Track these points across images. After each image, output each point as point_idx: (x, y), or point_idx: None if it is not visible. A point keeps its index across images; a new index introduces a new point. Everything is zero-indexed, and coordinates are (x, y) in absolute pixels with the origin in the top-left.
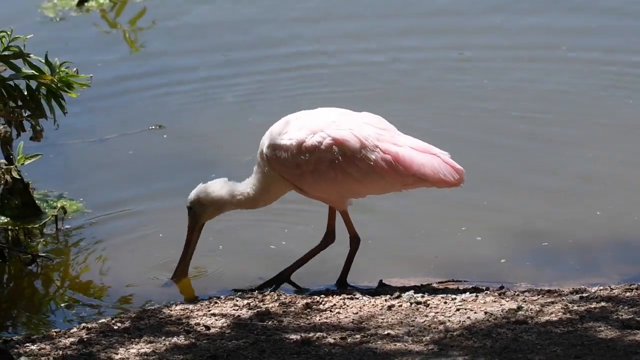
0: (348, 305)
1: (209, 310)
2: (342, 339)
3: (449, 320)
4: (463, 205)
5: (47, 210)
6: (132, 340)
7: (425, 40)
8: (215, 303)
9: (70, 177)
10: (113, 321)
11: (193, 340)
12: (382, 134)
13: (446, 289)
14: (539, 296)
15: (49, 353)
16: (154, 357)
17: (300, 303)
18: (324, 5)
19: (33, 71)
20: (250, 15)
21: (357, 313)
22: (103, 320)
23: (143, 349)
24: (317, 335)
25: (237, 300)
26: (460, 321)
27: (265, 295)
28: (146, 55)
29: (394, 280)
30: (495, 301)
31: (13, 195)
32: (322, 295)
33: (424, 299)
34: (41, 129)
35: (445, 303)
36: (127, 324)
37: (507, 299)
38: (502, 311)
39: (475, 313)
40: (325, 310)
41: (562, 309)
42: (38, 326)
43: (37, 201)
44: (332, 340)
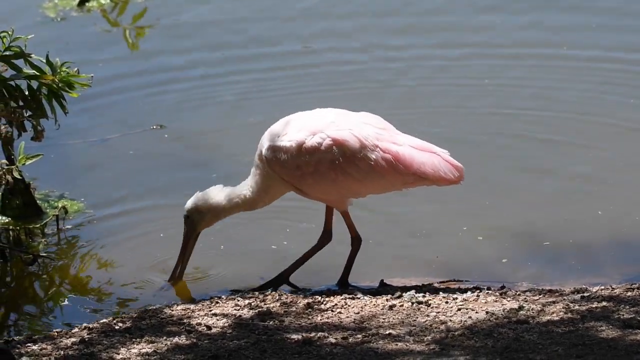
0: (349, 305)
1: (210, 310)
2: (344, 338)
3: (451, 320)
4: (464, 205)
5: (48, 210)
6: (134, 340)
7: (422, 38)
8: (217, 303)
9: (71, 177)
10: (114, 321)
11: (194, 340)
12: (382, 133)
13: (447, 289)
14: (540, 296)
15: (50, 353)
16: (155, 357)
17: (302, 303)
18: (323, 5)
19: (34, 71)
20: (250, 15)
21: (359, 313)
22: (104, 320)
23: (144, 349)
24: (319, 335)
25: (239, 300)
26: (461, 321)
27: (267, 295)
28: (147, 55)
29: (395, 280)
30: (496, 301)
31: (14, 195)
32: (324, 295)
33: (425, 299)
34: (42, 129)
35: (446, 303)
36: (129, 324)
37: (509, 299)
38: (504, 311)
39: (476, 313)
40: (327, 310)
41: (564, 308)
42: (39, 326)
43: (38, 201)
44: (334, 340)
